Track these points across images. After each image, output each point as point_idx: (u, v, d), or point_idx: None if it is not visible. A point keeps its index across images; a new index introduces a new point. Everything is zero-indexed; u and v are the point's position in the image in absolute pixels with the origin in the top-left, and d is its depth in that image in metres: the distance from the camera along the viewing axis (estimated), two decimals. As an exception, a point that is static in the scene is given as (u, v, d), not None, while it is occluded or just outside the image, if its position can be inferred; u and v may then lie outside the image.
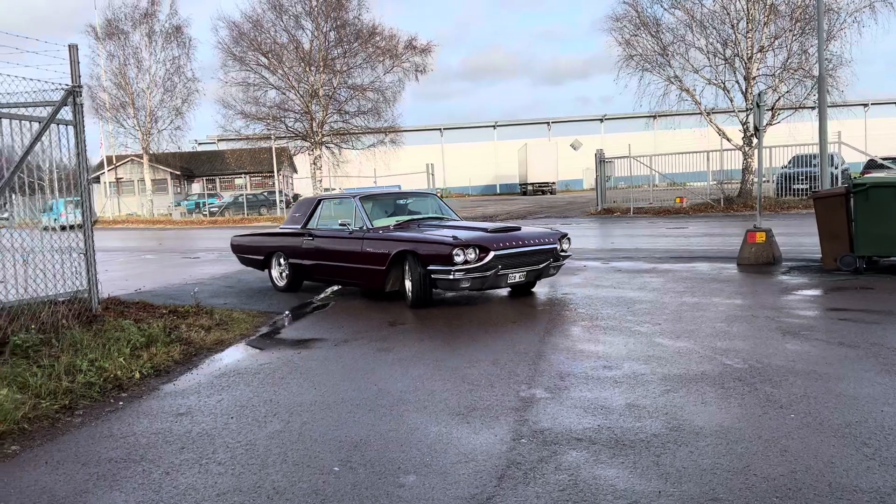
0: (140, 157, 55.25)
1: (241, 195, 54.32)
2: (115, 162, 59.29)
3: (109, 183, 59.60)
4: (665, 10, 35.17)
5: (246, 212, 50.78)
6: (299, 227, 12.50)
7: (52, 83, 8.71)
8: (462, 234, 10.30)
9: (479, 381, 6.79)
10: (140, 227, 49.07)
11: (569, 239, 11.46)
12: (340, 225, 11.53)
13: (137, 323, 9.15)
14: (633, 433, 5.31)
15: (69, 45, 8.96)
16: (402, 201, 12.49)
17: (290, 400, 6.52)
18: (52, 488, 4.82)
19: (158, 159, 56.70)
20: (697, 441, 5.11)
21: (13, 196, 8.55)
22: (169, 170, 61.50)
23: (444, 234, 10.44)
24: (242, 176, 65.89)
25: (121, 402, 6.68)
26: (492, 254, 10.08)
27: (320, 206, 12.43)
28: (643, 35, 34.84)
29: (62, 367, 7.18)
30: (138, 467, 5.10)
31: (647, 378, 6.69)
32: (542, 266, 10.79)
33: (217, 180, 66.76)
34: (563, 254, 11.22)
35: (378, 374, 7.20)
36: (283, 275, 12.81)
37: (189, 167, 66.54)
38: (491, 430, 5.49)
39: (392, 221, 11.54)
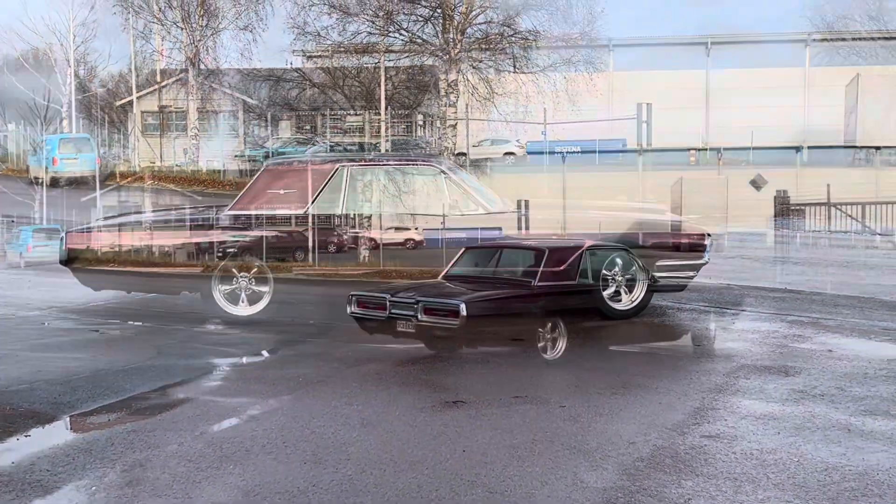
0: (185, 73, 35.34)
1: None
2: (158, 80, 39.37)
3: (144, 113, 39.77)
4: None
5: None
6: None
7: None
8: None
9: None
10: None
11: None
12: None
13: None
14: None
15: None
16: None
17: None
18: None
19: (217, 77, 36.71)
20: None
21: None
22: (239, 95, 40.92)
23: None
24: (364, 112, 45.05)
25: None
26: None
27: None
28: None
29: None
30: None
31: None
32: None
33: (321, 119, 45.89)
34: None
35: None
36: None
37: (275, 95, 46.09)
38: None
39: None
